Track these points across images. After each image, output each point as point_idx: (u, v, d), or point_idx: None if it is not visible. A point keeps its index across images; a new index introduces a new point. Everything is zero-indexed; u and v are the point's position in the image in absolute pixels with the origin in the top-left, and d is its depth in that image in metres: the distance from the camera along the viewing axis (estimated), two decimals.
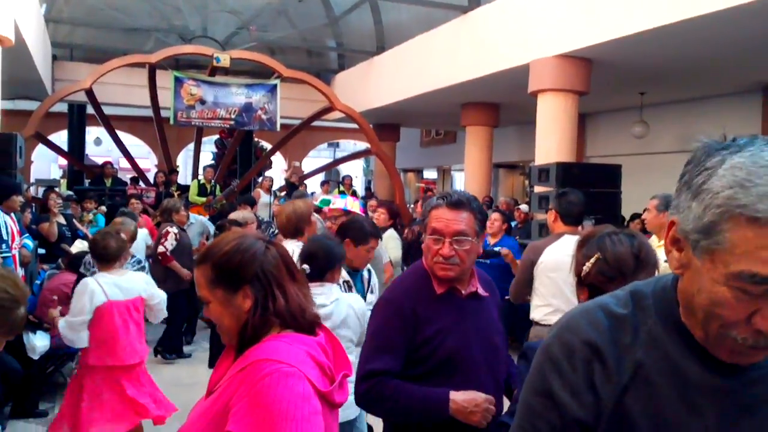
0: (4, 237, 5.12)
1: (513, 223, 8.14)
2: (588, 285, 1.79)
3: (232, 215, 6.81)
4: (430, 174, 23.61)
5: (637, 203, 7.87)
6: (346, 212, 4.61)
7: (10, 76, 8.44)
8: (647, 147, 11.44)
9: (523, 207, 8.72)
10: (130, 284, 3.92)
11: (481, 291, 2.23)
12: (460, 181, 21.41)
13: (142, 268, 6.48)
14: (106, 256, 3.87)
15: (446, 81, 10.66)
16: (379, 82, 13.41)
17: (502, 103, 11.96)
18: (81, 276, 4.61)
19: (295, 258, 2.68)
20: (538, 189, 7.51)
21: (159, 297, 4.06)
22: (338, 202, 4.79)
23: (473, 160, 12.40)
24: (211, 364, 5.62)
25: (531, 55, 8.62)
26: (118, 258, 3.93)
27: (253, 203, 8.43)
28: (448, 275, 2.13)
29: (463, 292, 2.18)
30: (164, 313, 4.16)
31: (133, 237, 5.35)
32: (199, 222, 7.96)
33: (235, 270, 1.54)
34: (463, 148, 12.79)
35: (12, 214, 5.43)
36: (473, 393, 2.07)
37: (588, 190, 7.13)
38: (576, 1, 7.93)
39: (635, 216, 8.11)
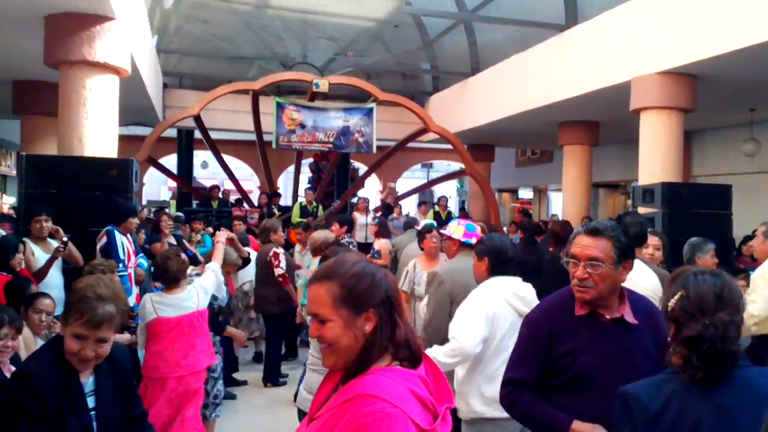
0: (121, 257, 5.47)
1: None
2: (673, 320, 1.85)
3: (315, 234, 6.92)
4: (526, 194, 23.24)
5: (750, 225, 7.44)
6: (448, 237, 4.52)
7: (126, 104, 9.05)
8: (759, 165, 10.83)
9: None
10: (187, 301, 4.24)
11: (629, 318, 2.30)
12: (557, 202, 20.96)
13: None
14: (166, 276, 4.21)
15: (543, 100, 10.53)
16: (473, 103, 13.41)
17: (601, 121, 11.68)
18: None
19: None
20: (643, 210, 7.26)
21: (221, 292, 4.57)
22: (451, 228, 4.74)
23: (571, 179, 12.14)
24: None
25: (632, 73, 8.39)
26: (178, 279, 4.28)
27: (350, 224, 8.60)
28: (583, 297, 2.27)
29: (607, 316, 2.29)
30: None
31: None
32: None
33: (364, 292, 1.56)
34: (561, 167, 12.54)
35: (128, 235, 5.80)
36: (599, 428, 2.16)
37: (697, 212, 6.90)
38: (679, 16, 7.67)
39: (747, 238, 7.65)
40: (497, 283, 3.33)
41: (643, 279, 3.47)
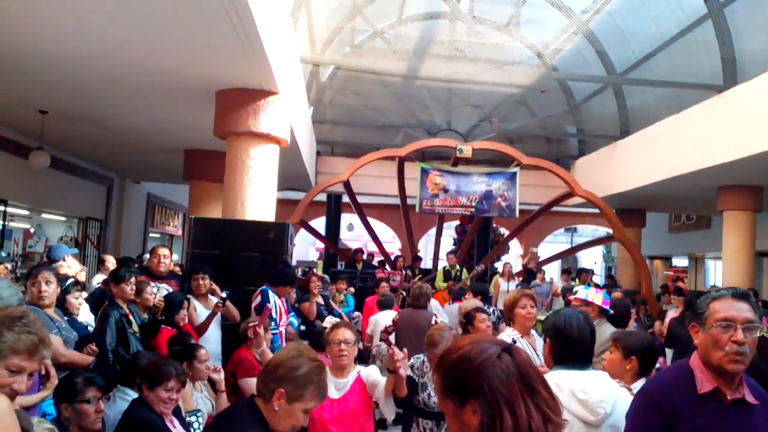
0: (274, 316, 5.76)
1: None
2: None
3: (464, 303, 6.83)
4: (680, 262, 21.83)
5: None
6: (586, 302, 4.51)
7: (283, 170, 9.67)
8: None
9: None
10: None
11: (749, 398, 2.15)
12: (715, 271, 19.50)
13: None
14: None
15: (700, 164, 9.98)
16: (623, 166, 12.97)
17: (766, 185, 10.85)
18: None
19: None
20: None
21: None
22: (581, 293, 4.71)
23: (732, 247, 11.28)
24: None
25: None
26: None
27: (485, 293, 8.46)
28: (738, 368, 2.11)
29: (728, 396, 2.13)
30: None
31: None
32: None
33: (459, 381, 1.42)
34: (719, 233, 11.71)
35: (281, 296, 6.11)
36: None
37: None
38: None
39: None
40: (559, 378, 2.57)
41: None
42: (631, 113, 13.40)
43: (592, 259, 31.29)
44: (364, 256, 14.29)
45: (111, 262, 8.12)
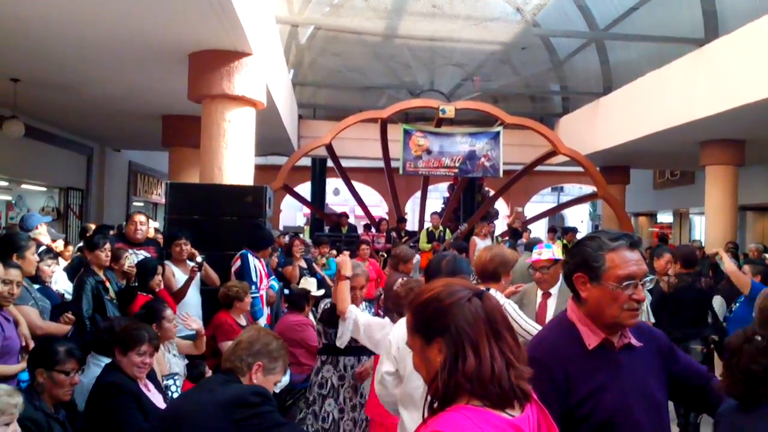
0: (254, 279, 5.75)
1: None
2: None
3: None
4: (665, 218, 21.98)
5: None
6: (557, 261, 4.25)
7: (263, 135, 9.54)
8: None
9: None
10: None
11: (634, 341, 2.00)
12: (699, 226, 19.66)
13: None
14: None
15: (683, 118, 9.95)
16: (606, 124, 12.93)
17: (747, 139, 10.86)
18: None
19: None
20: None
21: None
22: (545, 253, 4.34)
23: (715, 202, 11.34)
24: None
25: None
26: None
27: (464, 250, 8.49)
28: (636, 322, 1.97)
29: (616, 344, 1.98)
30: None
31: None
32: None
33: (428, 319, 1.46)
34: (703, 189, 11.76)
35: (261, 258, 6.09)
36: None
37: None
38: None
39: None
40: None
41: None
42: (614, 69, 13.30)
43: (578, 217, 31.47)
44: (349, 220, 14.26)
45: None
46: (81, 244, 7.97)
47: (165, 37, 6.47)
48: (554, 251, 4.17)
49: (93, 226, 8.36)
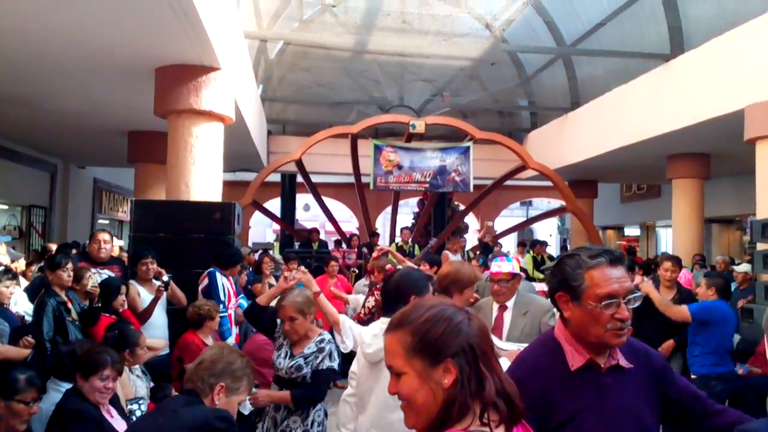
0: (222, 298, 5.60)
1: (733, 286, 7.31)
2: None
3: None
4: (632, 231, 22.25)
5: None
6: (515, 275, 4.14)
7: (232, 151, 9.41)
8: None
9: (744, 267, 7.82)
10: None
11: (623, 362, 1.91)
12: (666, 238, 19.93)
13: None
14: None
15: (649, 132, 10.09)
16: (574, 138, 13.06)
17: (713, 152, 11.04)
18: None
19: None
20: (762, 246, 6.72)
21: None
22: (505, 266, 4.21)
23: (682, 215, 11.49)
24: None
25: (745, 100, 7.89)
26: None
27: (437, 263, 8.42)
28: (623, 341, 1.86)
29: (602, 365, 1.88)
30: None
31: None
32: None
33: (438, 339, 1.39)
34: (670, 202, 11.92)
35: (230, 277, 5.95)
36: None
37: None
38: None
39: None
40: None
41: None
42: (581, 85, 13.48)
43: (547, 231, 31.72)
44: (320, 236, 14.12)
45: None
46: (42, 264, 7.74)
47: (131, 51, 6.34)
48: (514, 265, 4.08)
49: (54, 246, 8.11)
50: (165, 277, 5.58)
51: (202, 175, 6.81)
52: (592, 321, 1.85)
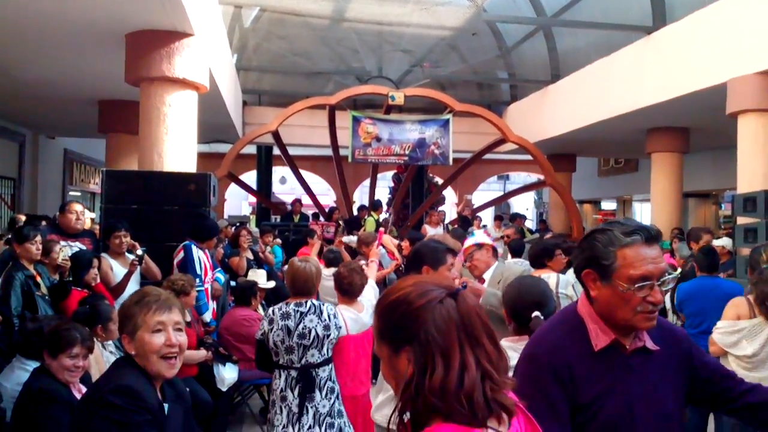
0: (198, 272, 5.45)
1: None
2: None
3: (344, 239, 6.90)
4: (609, 205, 22.40)
5: None
6: (479, 245, 4.32)
7: (206, 121, 9.16)
8: None
9: (723, 241, 7.83)
10: (365, 318, 4.02)
11: (650, 345, 1.78)
12: (642, 213, 20.08)
13: None
14: (350, 291, 4.01)
15: (629, 106, 10.03)
16: (554, 111, 12.98)
17: (692, 127, 11.04)
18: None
19: None
20: (743, 220, 6.73)
21: None
22: (468, 241, 4.44)
23: (660, 189, 11.51)
24: None
25: (728, 74, 7.84)
26: (360, 293, 4.07)
27: (420, 238, 8.33)
28: (653, 324, 1.73)
29: (627, 346, 1.76)
30: None
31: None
32: None
33: (395, 324, 1.26)
34: (646, 176, 11.94)
35: (206, 250, 5.79)
36: None
37: None
38: None
39: None
40: None
41: None
42: (562, 57, 13.35)
43: (524, 205, 31.85)
44: (302, 208, 13.94)
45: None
46: (9, 236, 7.49)
47: (100, 16, 6.08)
48: (476, 238, 4.31)
49: (23, 217, 7.86)
50: (139, 251, 5.40)
51: (175, 146, 6.60)
52: (621, 303, 1.72)
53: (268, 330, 3.67)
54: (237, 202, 28.00)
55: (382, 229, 7.86)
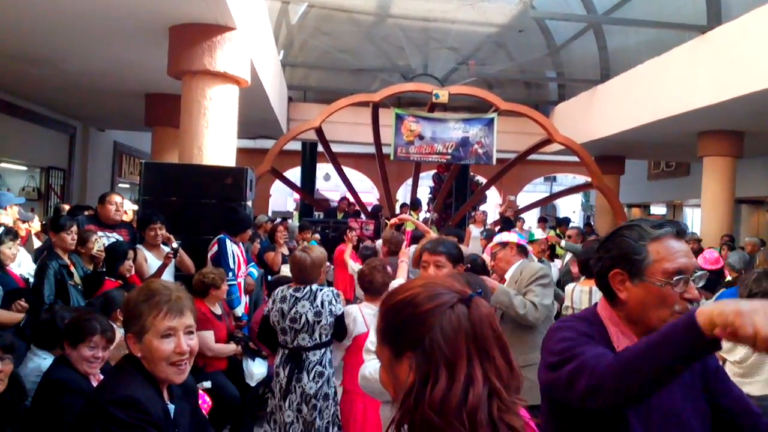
0: (231, 266, 5.44)
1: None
2: None
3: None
4: (658, 210, 21.78)
5: None
6: (503, 244, 4.38)
7: (250, 116, 9.18)
8: None
9: None
10: None
11: None
12: (692, 218, 19.47)
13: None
14: (371, 288, 4.05)
15: (681, 107, 9.68)
16: (602, 112, 12.64)
17: (747, 130, 10.60)
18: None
19: None
20: None
21: None
22: (496, 238, 4.59)
23: (711, 194, 11.09)
24: None
25: None
26: (382, 291, 4.01)
27: (461, 237, 8.20)
28: None
29: None
30: None
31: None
32: None
33: (399, 327, 1.17)
34: (699, 181, 11.51)
35: (240, 244, 5.78)
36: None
37: None
38: None
39: None
40: None
41: None
42: (612, 56, 12.99)
43: (571, 207, 31.26)
44: (347, 206, 13.92)
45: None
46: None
47: (145, 9, 6.14)
48: (502, 237, 4.42)
49: (67, 207, 8.01)
50: (174, 244, 5.42)
51: (215, 139, 6.62)
52: (658, 301, 1.60)
53: (270, 309, 4.08)
54: (282, 198, 28.22)
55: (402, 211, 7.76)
